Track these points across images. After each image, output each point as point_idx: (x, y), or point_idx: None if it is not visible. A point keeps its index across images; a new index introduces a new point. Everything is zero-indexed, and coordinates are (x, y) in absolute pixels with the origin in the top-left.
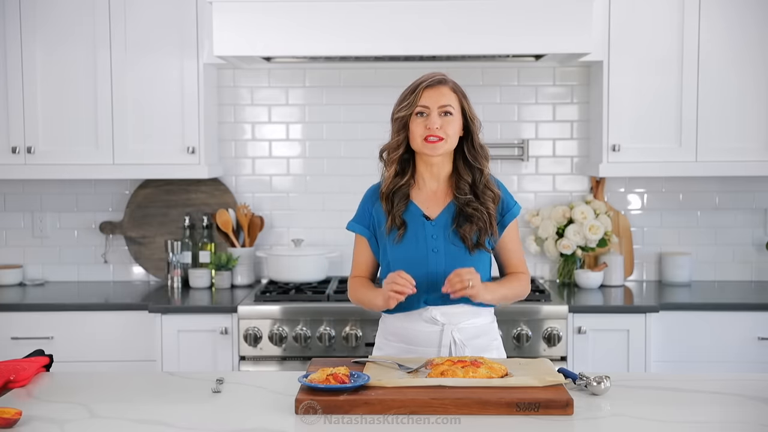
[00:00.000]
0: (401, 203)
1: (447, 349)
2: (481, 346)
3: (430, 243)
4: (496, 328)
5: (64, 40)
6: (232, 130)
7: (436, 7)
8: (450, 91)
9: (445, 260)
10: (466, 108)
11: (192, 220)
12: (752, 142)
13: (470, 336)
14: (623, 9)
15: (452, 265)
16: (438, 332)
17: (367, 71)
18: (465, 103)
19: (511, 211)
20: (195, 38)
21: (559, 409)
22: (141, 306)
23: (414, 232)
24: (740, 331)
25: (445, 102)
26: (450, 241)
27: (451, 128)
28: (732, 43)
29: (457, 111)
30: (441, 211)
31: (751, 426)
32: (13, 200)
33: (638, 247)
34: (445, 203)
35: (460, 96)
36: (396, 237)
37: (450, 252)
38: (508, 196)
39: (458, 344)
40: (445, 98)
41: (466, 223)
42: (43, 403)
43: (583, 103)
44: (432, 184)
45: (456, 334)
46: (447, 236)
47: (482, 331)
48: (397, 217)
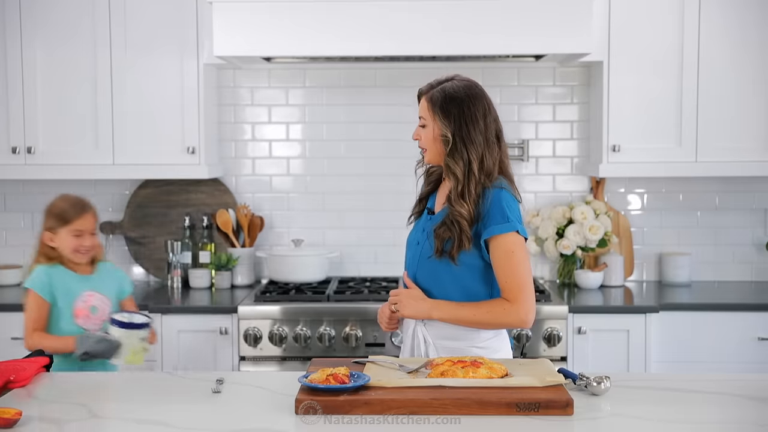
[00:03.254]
0: (428, 188)
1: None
2: (452, 348)
3: (419, 235)
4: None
5: (64, 40)
6: (232, 131)
7: (436, 7)
8: (425, 103)
9: (419, 256)
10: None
11: (192, 221)
12: (752, 142)
13: (441, 336)
14: (623, 9)
15: (422, 262)
16: (408, 324)
17: (367, 71)
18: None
19: (489, 229)
20: (195, 38)
21: (559, 410)
22: (141, 306)
23: (419, 220)
24: (740, 331)
25: (420, 113)
26: (429, 240)
27: (424, 138)
28: (732, 43)
29: (431, 121)
30: (442, 209)
31: (751, 426)
32: (13, 200)
33: (638, 247)
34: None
35: (431, 107)
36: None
37: (425, 249)
38: (495, 213)
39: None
40: (420, 110)
41: (442, 228)
42: (43, 403)
43: (583, 103)
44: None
45: (421, 329)
46: (430, 234)
47: (456, 335)
48: (421, 198)
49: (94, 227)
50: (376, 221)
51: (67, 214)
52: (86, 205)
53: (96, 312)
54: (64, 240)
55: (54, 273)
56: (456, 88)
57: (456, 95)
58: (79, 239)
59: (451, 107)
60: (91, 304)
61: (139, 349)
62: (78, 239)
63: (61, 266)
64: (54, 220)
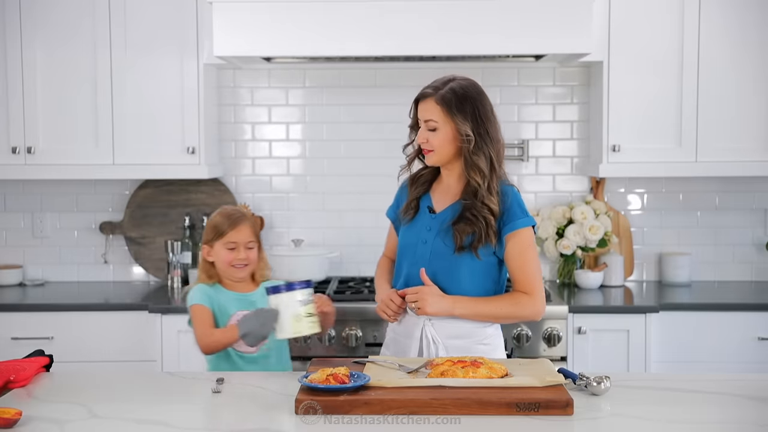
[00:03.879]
0: (419, 189)
1: (417, 342)
2: (458, 347)
3: (423, 234)
4: (488, 332)
5: (65, 41)
6: (232, 131)
7: (435, 7)
8: (433, 105)
9: (430, 254)
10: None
11: (192, 221)
12: (752, 142)
13: (447, 335)
14: (623, 9)
15: (435, 259)
16: (415, 325)
17: (367, 71)
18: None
19: (511, 223)
20: (195, 38)
21: (559, 410)
22: (141, 306)
23: (417, 220)
24: (740, 331)
25: (428, 117)
26: (440, 237)
27: (436, 141)
28: (732, 43)
29: (444, 122)
30: (447, 207)
31: (751, 426)
32: (13, 200)
33: (638, 247)
34: (454, 200)
35: (446, 108)
36: (406, 219)
37: (436, 247)
38: (516, 209)
39: (431, 341)
40: (428, 113)
41: (462, 223)
42: (43, 403)
43: (583, 103)
44: (448, 181)
45: (430, 330)
46: (440, 231)
47: (464, 332)
48: (412, 201)
49: (250, 239)
50: (376, 221)
51: (221, 227)
52: (241, 216)
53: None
54: (219, 254)
55: (212, 292)
56: (464, 87)
57: (467, 94)
58: (233, 252)
59: (466, 106)
60: None
61: (302, 315)
62: (232, 252)
63: (220, 285)
64: (210, 233)
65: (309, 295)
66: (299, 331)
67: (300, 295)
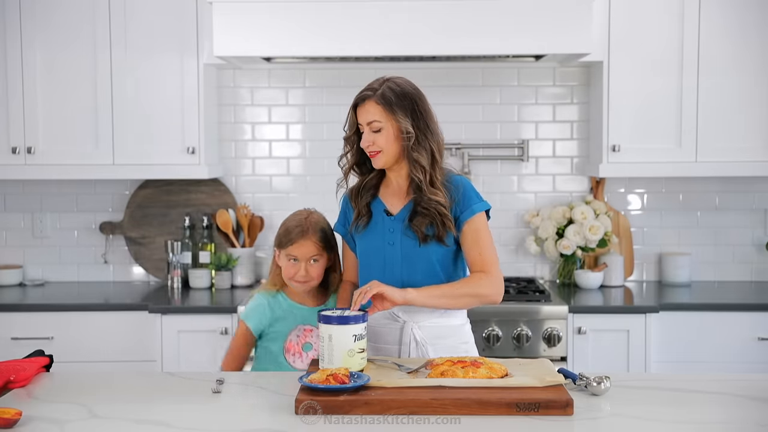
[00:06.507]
0: (367, 196)
1: (407, 347)
2: (447, 346)
3: (387, 236)
4: (468, 330)
5: (65, 41)
6: (232, 131)
7: (436, 7)
8: (374, 105)
9: (401, 252)
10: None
11: (192, 221)
12: (752, 142)
13: (434, 335)
14: (623, 9)
15: (406, 257)
16: (399, 329)
17: (367, 72)
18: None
19: (469, 210)
20: (195, 38)
21: (559, 410)
22: (141, 306)
23: (375, 225)
24: (740, 331)
25: (371, 118)
26: (405, 234)
27: (382, 140)
28: (732, 43)
29: (386, 120)
30: (402, 207)
31: (751, 426)
32: (13, 200)
33: (638, 247)
34: (407, 200)
35: (387, 107)
36: (360, 227)
37: (405, 244)
38: (471, 194)
39: (419, 342)
40: (370, 114)
41: (418, 218)
42: (43, 403)
43: (583, 103)
44: (397, 182)
45: (417, 332)
46: (403, 230)
47: (450, 331)
48: (362, 208)
49: (313, 254)
50: None
51: (284, 237)
52: (307, 229)
53: (310, 350)
54: (282, 263)
55: (273, 302)
56: (400, 84)
57: (405, 91)
58: (294, 266)
59: (406, 103)
60: (305, 341)
61: (355, 351)
62: (293, 266)
63: (283, 294)
64: (276, 239)
65: (364, 330)
66: (350, 367)
67: (356, 329)
